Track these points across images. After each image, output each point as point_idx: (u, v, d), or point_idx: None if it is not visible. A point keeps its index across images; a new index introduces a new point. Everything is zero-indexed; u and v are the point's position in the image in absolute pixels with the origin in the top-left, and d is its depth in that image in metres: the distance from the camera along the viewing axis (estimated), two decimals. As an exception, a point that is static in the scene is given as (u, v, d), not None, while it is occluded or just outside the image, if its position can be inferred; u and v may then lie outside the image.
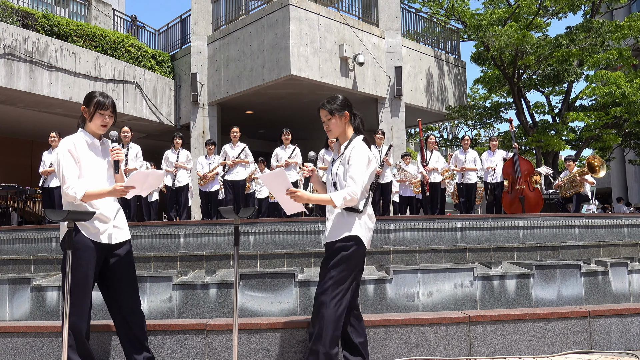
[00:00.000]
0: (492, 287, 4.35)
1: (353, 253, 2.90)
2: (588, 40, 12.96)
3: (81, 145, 2.98)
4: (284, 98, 12.25)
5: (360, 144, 2.98)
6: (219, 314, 4.10)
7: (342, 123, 3.06)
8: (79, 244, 2.89)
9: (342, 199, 2.82)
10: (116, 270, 3.05)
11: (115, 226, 3.05)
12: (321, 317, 2.85)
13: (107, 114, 3.00)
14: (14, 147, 14.68)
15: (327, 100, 3.07)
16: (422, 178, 8.54)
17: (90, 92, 3.03)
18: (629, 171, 24.85)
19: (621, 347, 3.80)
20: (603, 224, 6.35)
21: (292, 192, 2.83)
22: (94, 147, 3.04)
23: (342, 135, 3.10)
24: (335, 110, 3.03)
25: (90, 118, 2.99)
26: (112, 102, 3.02)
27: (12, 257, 5.55)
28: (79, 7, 13.74)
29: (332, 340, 2.85)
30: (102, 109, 2.97)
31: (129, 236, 3.15)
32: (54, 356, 3.55)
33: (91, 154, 3.00)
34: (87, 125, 3.04)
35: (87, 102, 2.99)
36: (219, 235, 5.44)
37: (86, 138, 3.02)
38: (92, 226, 2.94)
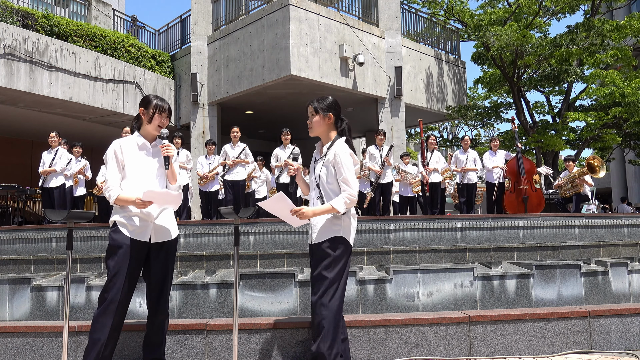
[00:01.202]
0: (492, 287, 4.35)
1: (342, 254, 2.96)
2: (588, 40, 12.96)
3: (129, 148, 3.09)
4: (284, 98, 12.25)
5: (343, 145, 3.01)
6: (219, 314, 4.10)
7: (325, 124, 3.08)
8: (116, 240, 2.99)
9: (343, 204, 2.89)
10: (152, 268, 3.11)
11: (157, 224, 3.08)
12: (323, 318, 2.88)
13: (165, 116, 3.13)
14: (14, 147, 14.68)
15: (316, 99, 3.10)
16: (422, 178, 8.54)
17: (146, 96, 3.16)
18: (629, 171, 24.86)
19: (621, 347, 3.80)
20: (603, 224, 6.36)
21: (296, 211, 2.90)
22: (145, 149, 3.12)
23: (324, 136, 3.12)
24: (320, 109, 3.06)
25: (149, 120, 3.10)
26: (168, 106, 3.18)
27: (12, 257, 5.55)
28: (79, 7, 13.74)
29: (335, 339, 2.89)
30: (161, 111, 3.10)
31: (172, 236, 3.16)
32: (54, 356, 3.55)
33: (142, 155, 3.10)
34: (144, 127, 3.14)
35: (146, 105, 3.12)
36: (219, 235, 5.44)
37: (137, 140, 3.12)
38: (131, 224, 3.01)
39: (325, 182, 3.01)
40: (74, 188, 8.37)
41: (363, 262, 5.24)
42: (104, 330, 2.90)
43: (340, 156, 2.95)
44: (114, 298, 2.92)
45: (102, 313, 2.92)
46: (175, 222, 3.26)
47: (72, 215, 2.77)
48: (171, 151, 3.09)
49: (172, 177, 3.15)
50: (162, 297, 3.13)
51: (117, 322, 2.95)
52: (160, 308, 3.13)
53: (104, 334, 2.90)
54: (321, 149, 3.13)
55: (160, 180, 3.13)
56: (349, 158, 2.97)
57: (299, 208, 2.90)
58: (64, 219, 2.73)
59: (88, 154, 9.77)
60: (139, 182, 3.03)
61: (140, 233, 3.02)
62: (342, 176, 2.93)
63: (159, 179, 3.12)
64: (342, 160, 2.94)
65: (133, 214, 3.01)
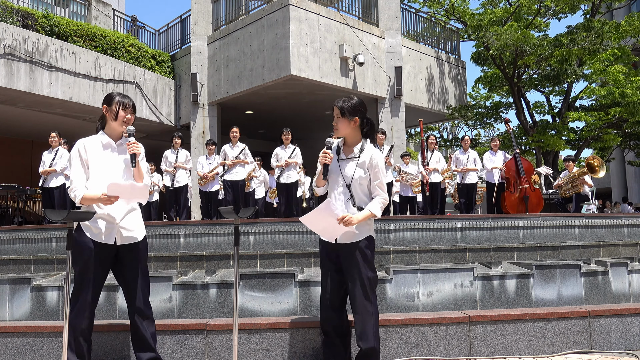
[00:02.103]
0: (492, 287, 4.35)
1: (373, 252, 3.09)
2: (588, 40, 12.96)
3: (93, 147, 3.05)
4: (284, 98, 12.25)
5: (379, 152, 3.11)
6: (219, 314, 4.10)
7: (350, 126, 3.08)
8: (79, 243, 2.96)
9: (379, 209, 3.01)
10: (125, 271, 3.09)
11: (122, 227, 3.04)
12: (370, 315, 3.00)
13: (129, 112, 3.11)
14: (14, 147, 14.68)
15: (342, 99, 3.09)
16: (422, 178, 8.54)
17: (109, 94, 3.13)
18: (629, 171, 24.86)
19: (621, 347, 3.80)
20: (603, 224, 6.36)
21: (343, 218, 2.89)
22: (110, 147, 3.09)
23: (350, 137, 3.13)
24: (347, 112, 3.05)
25: (114, 117, 3.06)
26: (132, 102, 3.16)
27: (12, 257, 5.55)
28: (79, 7, 13.74)
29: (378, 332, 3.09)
30: (125, 107, 3.08)
31: (139, 238, 3.13)
32: (54, 356, 3.55)
33: (106, 154, 3.06)
34: (109, 125, 3.11)
35: (109, 102, 3.08)
36: (219, 235, 5.44)
37: (102, 139, 3.09)
38: (95, 226, 2.98)
39: (359, 184, 3.03)
40: (74, 188, 8.35)
41: (363, 262, 5.22)
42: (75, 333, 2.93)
43: (378, 161, 3.03)
44: (83, 302, 2.94)
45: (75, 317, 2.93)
46: (142, 223, 3.20)
47: (72, 215, 2.76)
48: (137, 149, 3.05)
49: (139, 175, 3.09)
50: (136, 299, 3.08)
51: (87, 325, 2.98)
52: (137, 309, 3.08)
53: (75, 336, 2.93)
54: (348, 150, 3.13)
55: (127, 180, 3.08)
56: (383, 165, 3.08)
57: (346, 215, 2.89)
58: (64, 219, 2.73)
59: (88, 154, 9.74)
60: (105, 181, 2.96)
61: (105, 236, 2.99)
62: (378, 180, 3.02)
63: (126, 178, 3.08)
64: (380, 165, 3.04)
65: (98, 216, 2.97)
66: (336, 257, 3.11)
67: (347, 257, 3.03)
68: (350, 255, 3.02)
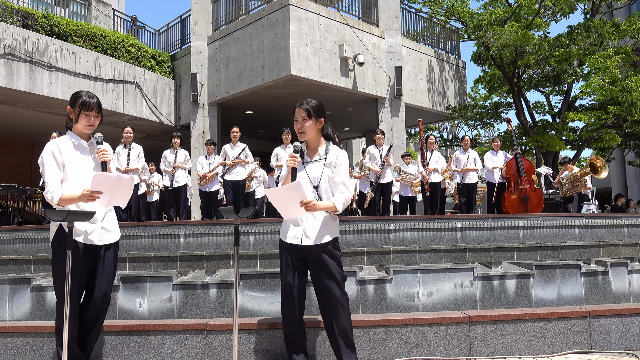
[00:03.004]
0: (492, 287, 4.35)
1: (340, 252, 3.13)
2: (588, 40, 12.95)
3: (66, 148, 2.97)
4: (284, 98, 12.25)
5: (344, 153, 3.16)
6: (219, 314, 4.10)
7: (316, 128, 3.11)
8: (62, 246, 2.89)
9: (341, 204, 3.01)
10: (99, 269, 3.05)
11: (102, 227, 3.04)
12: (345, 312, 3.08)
13: (92, 115, 2.98)
14: (14, 147, 14.68)
15: (305, 101, 3.09)
16: (422, 178, 8.54)
17: (75, 92, 3.01)
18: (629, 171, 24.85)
19: (621, 347, 3.80)
20: (603, 224, 6.35)
21: (307, 202, 2.88)
22: (81, 148, 3.03)
23: (315, 139, 3.14)
24: (313, 113, 3.06)
25: (76, 119, 2.97)
26: (97, 102, 2.99)
27: (12, 257, 5.55)
28: (79, 7, 13.74)
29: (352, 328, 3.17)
30: (87, 109, 2.95)
31: (116, 238, 3.14)
32: (54, 356, 3.55)
33: (78, 155, 3.00)
34: (74, 126, 3.03)
35: (72, 103, 2.98)
36: (219, 235, 5.44)
37: (72, 139, 3.02)
38: (76, 227, 2.93)
39: (327, 185, 3.08)
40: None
41: (363, 262, 5.24)
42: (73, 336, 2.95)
43: (343, 160, 3.08)
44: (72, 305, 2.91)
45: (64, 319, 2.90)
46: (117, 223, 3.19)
47: (72, 215, 2.76)
48: (107, 156, 2.97)
49: None
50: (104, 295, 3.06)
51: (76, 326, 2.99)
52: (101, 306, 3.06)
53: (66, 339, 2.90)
54: (312, 152, 3.15)
55: None
56: (347, 165, 3.13)
57: (310, 200, 2.89)
58: (64, 219, 2.72)
59: (88, 154, 9.75)
60: (81, 182, 2.90)
61: (89, 236, 2.97)
62: (342, 179, 3.04)
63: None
64: (344, 165, 3.09)
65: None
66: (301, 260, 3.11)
67: (316, 260, 3.05)
68: (318, 258, 3.04)
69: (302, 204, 2.87)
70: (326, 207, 2.99)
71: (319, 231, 3.03)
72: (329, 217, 3.07)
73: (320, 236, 3.03)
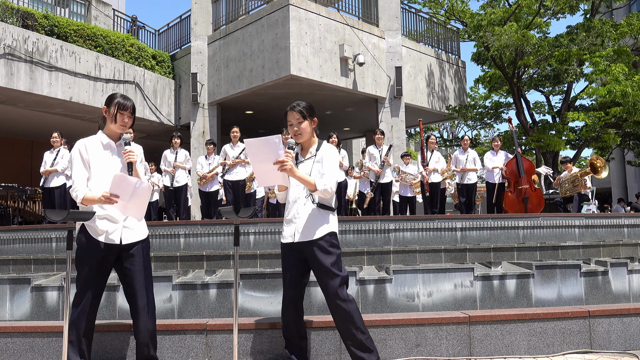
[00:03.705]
0: (492, 287, 4.35)
1: (339, 249, 3.07)
2: (588, 40, 12.95)
3: (93, 147, 3.05)
4: (284, 98, 12.25)
5: (334, 148, 3.19)
6: (219, 314, 4.10)
7: (311, 128, 3.17)
8: (82, 243, 2.98)
9: (322, 186, 2.96)
10: (127, 272, 3.09)
11: (125, 227, 3.05)
12: (348, 311, 3.01)
13: (127, 114, 3.07)
14: (14, 147, 14.68)
15: (296, 104, 3.14)
16: (422, 178, 8.54)
17: (111, 94, 3.12)
18: (629, 171, 24.85)
19: (621, 347, 3.80)
20: (603, 224, 6.35)
21: (282, 162, 2.86)
22: (109, 148, 3.10)
23: (308, 140, 3.19)
24: (307, 114, 3.13)
25: (112, 119, 3.05)
26: (132, 104, 3.12)
27: (12, 257, 5.55)
28: (79, 7, 13.74)
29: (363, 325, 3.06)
30: (122, 109, 3.04)
31: (141, 237, 3.13)
32: (54, 356, 3.55)
33: (106, 154, 3.07)
34: (107, 126, 3.11)
35: (108, 103, 3.07)
36: (219, 235, 5.44)
37: (102, 139, 3.10)
38: (97, 226, 2.98)
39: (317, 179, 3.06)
40: (74, 188, 8.36)
41: (363, 262, 5.24)
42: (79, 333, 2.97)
43: (330, 154, 3.10)
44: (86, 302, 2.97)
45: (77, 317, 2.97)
46: (144, 222, 3.20)
47: (72, 215, 2.76)
48: (133, 157, 3.02)
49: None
50: (143, 297, 3.08)
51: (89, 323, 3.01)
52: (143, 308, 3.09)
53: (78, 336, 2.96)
54: (305, 152, 3.19)
55: None
56: (336, 158, 3.13)
57: (286, 160, 2.86)
58: (64, 219, 2.73)
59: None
60: (105, 181, 2.95)
61: (109, 236, 3.00)
62: (326, 169, 3.04)
63: None
64: (329, 157, 3.08)
65: (101, 216, 2.98)
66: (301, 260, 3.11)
67: (310, 256, 3.04)
68: (312, 254, 3.02)
69: (277, 162, 2.86)
70: (304, 178, 2.96)
71: (310, 227, 3.02)
72: (317, 211, 3.03)
73: (311, 232, 3.02)
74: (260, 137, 2.92)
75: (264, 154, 2.89)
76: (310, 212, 3.04)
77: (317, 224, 3.03)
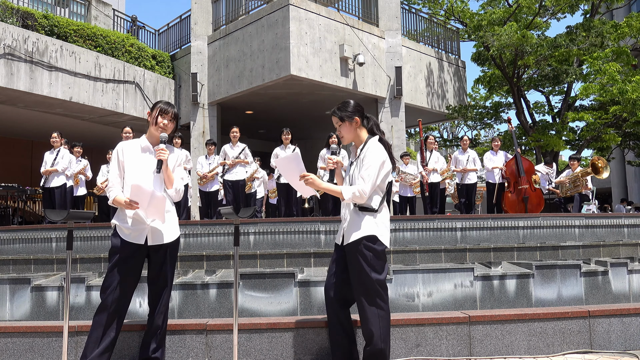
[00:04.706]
0: (492, 287, 4.35)
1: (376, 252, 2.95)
2: (588, 40, 12.95)
3: (131, 150, 3.17)
4: (284, 98, 12.25)
5: (376, 145, 3.03)
6: (219, 314, 4.10)
7: (353, 128, 3.10)
8: (113, 243, 3.10)
9: (351, 193, 2.90)
10: (150, 270, 3.19)
11: (153, 227, 3.10)
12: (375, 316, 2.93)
13: (168, 118, 3.18)
14: (14, 147, 14.68)
15: (337, 107, 3.11)
16: (422, 178, 8.54)
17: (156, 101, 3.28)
18: (629, 171, 24.84)
19: (621, 347, 3.80)
20: (603, 224, 6.35)
21: (304, 176, 2.94)
22: (148, 150, 3.19)
23: (356, 139, 3.14)
24: (345, 116, 3.08)
25: (153, 121, 3.17)
26: (174, 110, 3.24)
27: (12, 257, 5.55)
28: (79, 7, 13.74)
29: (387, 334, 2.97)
30: (164, 113, 3.17)
31: (171, 239, 3.17)
32: (54, 356, 3.55)
33: (144, 157, 3.17)
34: (149, 130, 3.22)
35: (152, 108, 3.22)
36: (219, 235, 5.44)
37: (141, 142, 3.21)
38: (126, 227, 3.08)
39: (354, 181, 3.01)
40: (74, 188, 8.38)
41: (363, 262, 5.22)
42: (99, 329, 3.00)
43: (367, 154, 2.98)
44: (108, 298, 3.02)
45: (98, 312, 3.04)
46: (176, 224, 3.25)
47: (72, 215, 2.78)
48: (164, 155, 3.08)
49: (168, 181, 3.17)
50: (159, 299, 3.17)
51: (112, 322, 3.04)
52: (157, 310, 3.18)
53: (99, 333, 2.99)
54: (355, 152, 3.14)
55: (157, 184, 3.13)
56: (376, 158, 2.96)
57: (308, 174, 2.95)
58: (64, 219, 2.74)
59: (88, 154, 9.77)
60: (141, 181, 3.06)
61: (136, 236, 3.08)
62: (361, 172, 2.95)
63: (157, 182, 3.14)
64: (367, 158, 2.96)
65: (129, 216, 3.07)
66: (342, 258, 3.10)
67: (349, 259, 3.02)
68: (351, 257, 3.00)
69: (301, 177, 2.95)
70: (330, 189, 2.97)
71: (348, 229, 3.01)
72: (356, 213, 2.99)
73: (348, 235, 3.00)
74: (284, 156, 3.09)
75: (292, 170, 3.04)
76: (351, 215, 3.02)
77: (356, 227, 2.97)
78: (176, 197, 3.23)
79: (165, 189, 3.17)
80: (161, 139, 3.14)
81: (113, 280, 3.03)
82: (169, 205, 3.19)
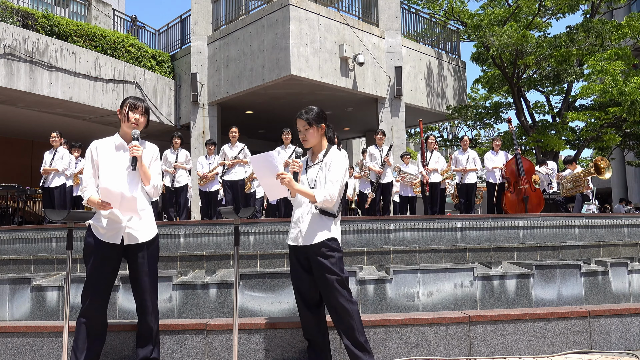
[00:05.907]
0: (492, 287, 4.35)
1: (339, 252, 3.10)
2: (588, 40, 12.94)
3: (104, 148, 3.15)
4: (284, 98, 12.25)
5: (340, 153, 3.18)
6: (219, 314, 4.10)
7: (319, 134, 3.18)
8: (87, 242, 3.09)
9: (322, 196, 3.00)
10: (130, 270, 3.18)
11: (129, 227, 3.09)
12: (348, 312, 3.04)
13: (138, 112, 3.15)
14: (14, 147, 14.68)
15: (305, 111, 3.17)
16: (422, 178, 8.54)
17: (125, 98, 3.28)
18: (629, 171, 24.84)
19: (621, 347, 3.80)
20: (603, 224, 6.35)
21: (281, 175, 2.96)
22: (122, 148, 3.16)
23: (318, 145, 3.22)
24: (313, 121, 3.14)
25: (124, 118, 3.14)
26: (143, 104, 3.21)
27: (12, 257, 5.55)
28: (79, 7, 13.74)
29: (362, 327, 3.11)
30: (133, 108, 3.14)
31: (146, 238, 3.16)
32: (54, 356, 3.55)
33: (117, 155, 3.14)
34: (121, 127, 3.19)
35: (121, 105, 3.19)
36: (219, 235, 5.44)
37: (115, 140, 3.18)
38: (101, 226, 3.05)
39: (321, 185, 3.09)
40: (74, 188, 8.38)
41: (363, 262, 5.24)
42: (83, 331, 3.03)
43: (334, 160, 3.10)
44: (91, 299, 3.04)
45: (82, 314, 3.06)
46: (153, 223, 3.23)
47: (72, 215, 2.78)
48: (138, 151, 3.06)
49: (144, 177, 3.14)
50: (144, 298, 3.15)
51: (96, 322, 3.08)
52: (143, 308, 3.16)
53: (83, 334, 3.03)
54: (314, 157, 3.23)
55: (134, 181, 3.11)
56: (342, 165, 3.10)
57: (285, 174, 2.96)
58: (64, 219, 2.74)
59: (88, 154, 9.75)
60: (112, 181, 3.06)
61: (111, 236, 3.06)
62: (329, 177, 3.05)
63: (133, 180, 3.11)
64: (335, 164, 3.08)
65: (104, 216, 3.05)
66: (305, 259, 3.16)
67: (314, 261, 3.08)
68: (313, 258, 3.07)
69: (278, 176, 2.96)
70: (303, 191, 3.03)
71: (311, 231, 3.08)
72: (318, 217, 3.08)
73: (311, 236, 3.07)
74: (260, 154, 3.05)
75: (266, 168, 3.03)
76: (312, 218, 3.10)
77: (318, 230, 3.08)
78: (154, 193, 3.19)
79: (142, 187, 3.14)
80: (133, 136, 3.11)
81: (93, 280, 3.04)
82: (144, 203, 3.16)
